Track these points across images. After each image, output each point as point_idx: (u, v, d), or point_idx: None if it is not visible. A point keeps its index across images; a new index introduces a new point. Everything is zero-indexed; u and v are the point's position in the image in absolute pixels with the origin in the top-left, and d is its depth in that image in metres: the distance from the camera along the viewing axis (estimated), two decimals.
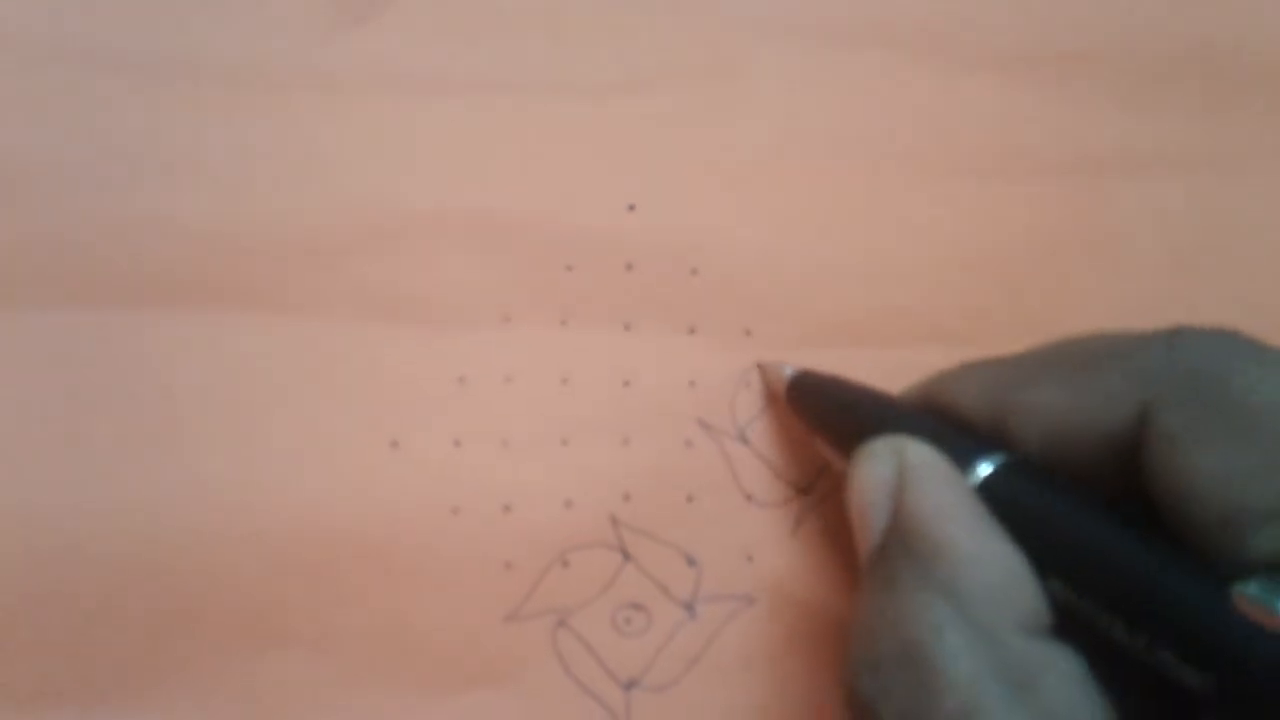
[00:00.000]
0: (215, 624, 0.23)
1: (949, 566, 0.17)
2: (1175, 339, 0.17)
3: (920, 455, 0.18)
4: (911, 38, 0.26)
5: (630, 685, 0.24)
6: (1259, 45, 0.27)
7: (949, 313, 0.26)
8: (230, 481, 0.23)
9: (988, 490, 0.18)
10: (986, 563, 0.17)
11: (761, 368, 0.25)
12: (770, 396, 0.25)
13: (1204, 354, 0.17)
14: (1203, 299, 0.26)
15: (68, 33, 0.24)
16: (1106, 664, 0.16)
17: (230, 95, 0.24)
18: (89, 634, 0.23)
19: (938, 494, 0.18)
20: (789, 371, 0.24)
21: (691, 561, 0.24)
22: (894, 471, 0.18)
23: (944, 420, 0.20)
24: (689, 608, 0.24)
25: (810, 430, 0.24)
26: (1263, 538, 0.15)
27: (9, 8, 0.24)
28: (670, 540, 0.24)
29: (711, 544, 0.24)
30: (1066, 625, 0.17)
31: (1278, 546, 0.15)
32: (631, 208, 0.25)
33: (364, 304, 0.24)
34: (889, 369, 0.24)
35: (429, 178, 0.25)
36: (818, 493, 0.25)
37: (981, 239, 0.26)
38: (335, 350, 0.24)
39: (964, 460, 0.18)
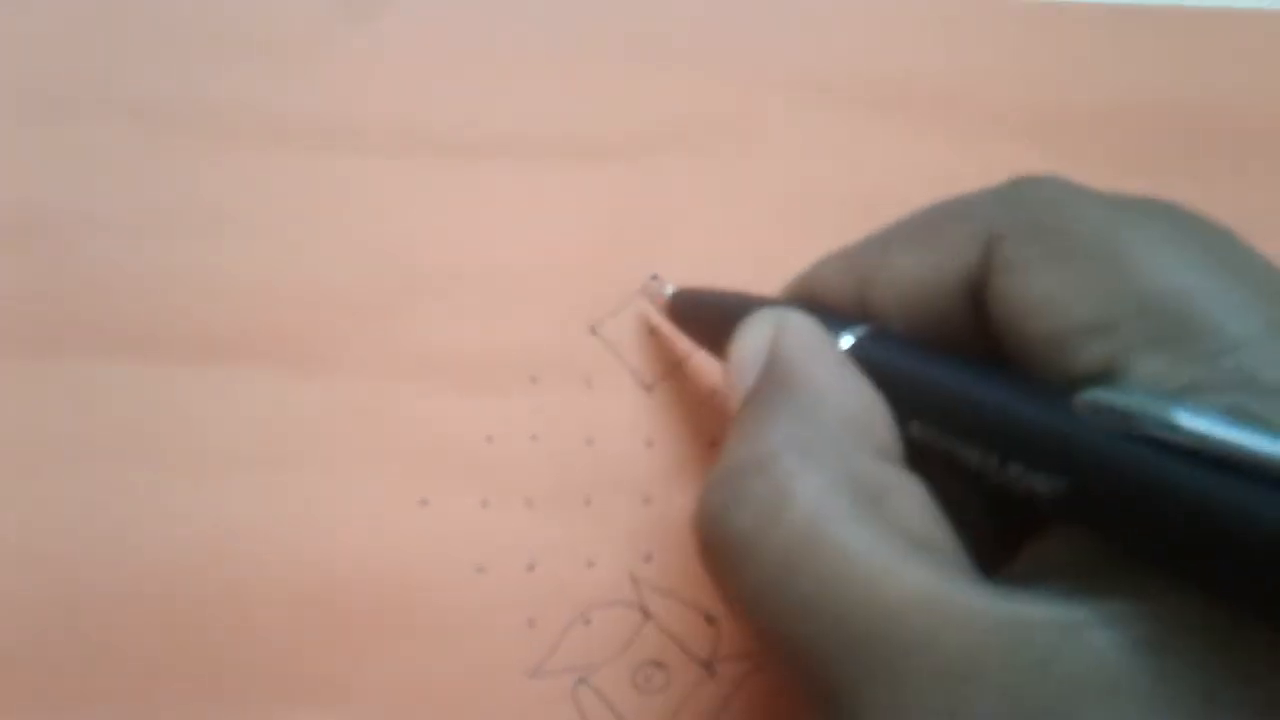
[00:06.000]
0: (241, 677, 0.23)
1: (810, 397, 0.17)
2: (1012, 186, 0.18)
3: (795, 316, 0.19)
4: (929, 101, 0.27)
5: None
6: (1268, 109, 0.28)
7: None
8: (259, 536, 0.24)
9: (853, 356, 0.19)
10: (846, 396, 0.18)
11: (645, 288, 0.26)
12: (653, 322, 0.26)
13: (1037, 193, 0.18)
14: None
15: (104, 86, 0.26)
16: (959, 499, 0.17)
17: (264, 151, 0.26)
18: (117, 686, 0.23)
19: (808, 340, 0.19)
20: (670, 290, 0.25)
21: (711, 620, 0.24)
22: (771, 335, 0.19)
23: (814, 306, 0.21)
24: (708, 666, 0.24)
25: (695, 343, 0.24)
26: (1088, 351, 0.15)
27: (49, 63, 0.26)
28: (690, 599, 0.25)
29: None
30: (922, 465, 0.17)
31: (1102, 360, 0.15)
32: (654, 277, 0.26)
33: (396, 363, 0.25)
34: None
35: (460, 238, 0.26)
36: None
37: None
38: (366, 407, 0.25)
39: (831, 334, 0.19)
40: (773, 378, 0.18)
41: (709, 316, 0.23)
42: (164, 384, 0.25)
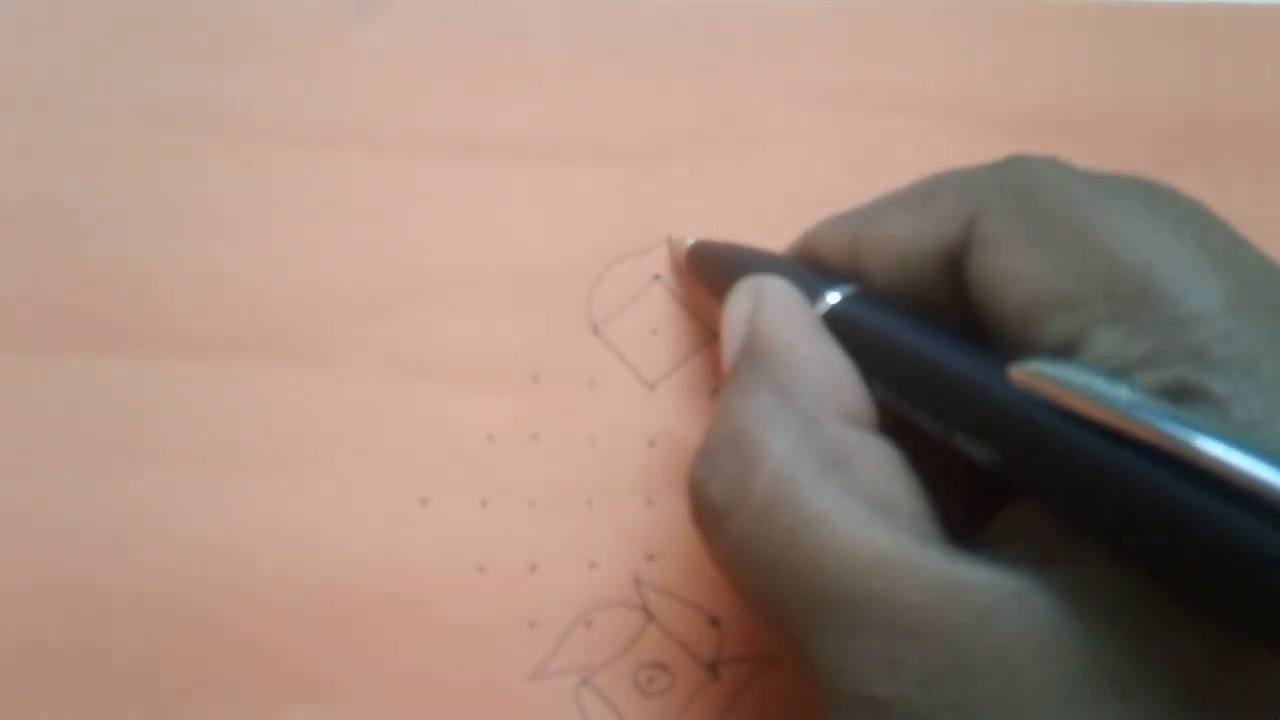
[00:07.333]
0: (242, 678, 0.23)
1: (781, 367, 0.18)
2: (1004, 163, 0.19)
3: (773, 285, 0.20)
4: (934, 105, 0.27)
5: None
6: (1277, 107, 0.28)
7: None
8: (258, 534, 0.24)
9: (833, 316, 0.19)
10: (815, 363, 0.18)
11: (670, 243, 0.26)
12: (678, 271, 0.26)
13: (1024, 172, 0.18)
14: None
15: (111, 86, 0.26)
16: (932, 463, 0.17)
17: (266, 150, 0.26)
18: (117, 686, 0.23)
19: (782, 311, 0.19)
20: (690, 242, 0.25)
21: (715, 622, 0.24)
22: (750, 306, 0.20)
23: (809, 265, 0.22)
24: (712, 668, 0.24)
25: (711, 296, 0.24)
26: (1053, 324, 0.16)
27: (53, 60, 0.26)
28: (694, 600, 0.24)
29: (735, 604, 0.24)
30: (894, 429, 0.18)
31: (1067, 334, 0.16)
32: (657, 277, 0.26)
33: (397, 361, 0.25)
34: None
35: (463, 238, 0.26)
36: None
37: None
38: (367, 406, 0.25)
39: (817, 293, 0.20)
40: (750, 350, 0.19)
41: (720, 272, 0.23)
42: (163, 381, 0.24)
